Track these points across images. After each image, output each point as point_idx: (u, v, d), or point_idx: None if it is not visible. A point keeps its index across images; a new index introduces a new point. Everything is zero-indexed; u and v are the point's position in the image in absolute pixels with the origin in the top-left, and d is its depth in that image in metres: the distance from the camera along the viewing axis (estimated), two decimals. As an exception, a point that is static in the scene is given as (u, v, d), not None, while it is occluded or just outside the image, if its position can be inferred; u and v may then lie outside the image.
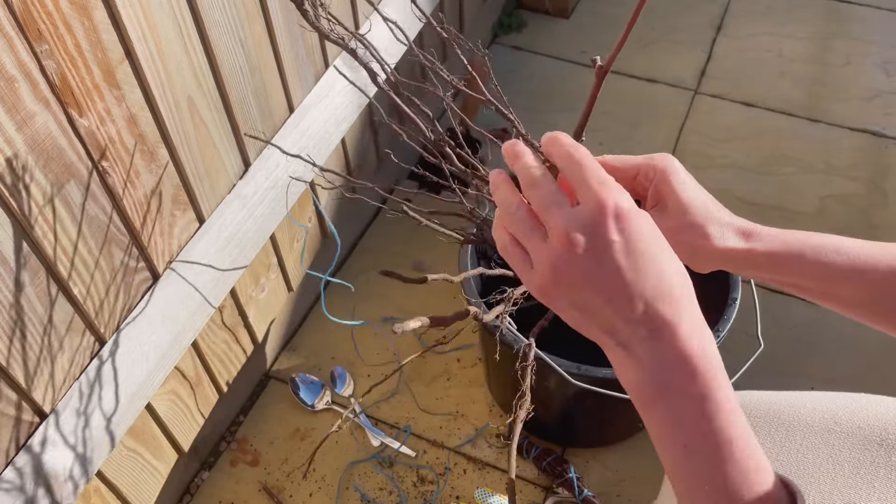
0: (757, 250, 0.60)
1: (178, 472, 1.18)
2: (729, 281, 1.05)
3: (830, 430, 0.69)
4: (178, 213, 0.97)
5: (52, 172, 0.77)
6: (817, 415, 0.71)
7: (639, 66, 1.86)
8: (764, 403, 0.74)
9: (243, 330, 1.22)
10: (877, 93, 1.78)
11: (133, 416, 0.98)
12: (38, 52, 0.72)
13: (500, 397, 1.28)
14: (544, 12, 2.01)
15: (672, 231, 0.58)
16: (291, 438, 1.29)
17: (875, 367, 1.34)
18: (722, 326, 1.00)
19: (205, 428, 1.20)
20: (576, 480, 1.17)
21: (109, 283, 0.90)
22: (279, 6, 1.03)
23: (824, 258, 0.60)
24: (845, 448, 0.67)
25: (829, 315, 1.41)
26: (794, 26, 1.95)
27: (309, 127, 1.15)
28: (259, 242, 1.13)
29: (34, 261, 0.79)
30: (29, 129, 0.73)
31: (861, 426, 0.69)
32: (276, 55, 1.06)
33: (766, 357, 1.04)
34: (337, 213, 1.39)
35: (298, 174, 1.17)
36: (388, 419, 1.30)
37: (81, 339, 0.89)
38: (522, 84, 1.83)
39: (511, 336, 0.98)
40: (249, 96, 1.03)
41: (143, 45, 0.83)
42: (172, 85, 0.89)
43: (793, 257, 0.60)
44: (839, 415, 0.70)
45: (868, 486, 0.64)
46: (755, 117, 1.75)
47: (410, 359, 1.04)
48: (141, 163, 0.89)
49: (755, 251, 0.60)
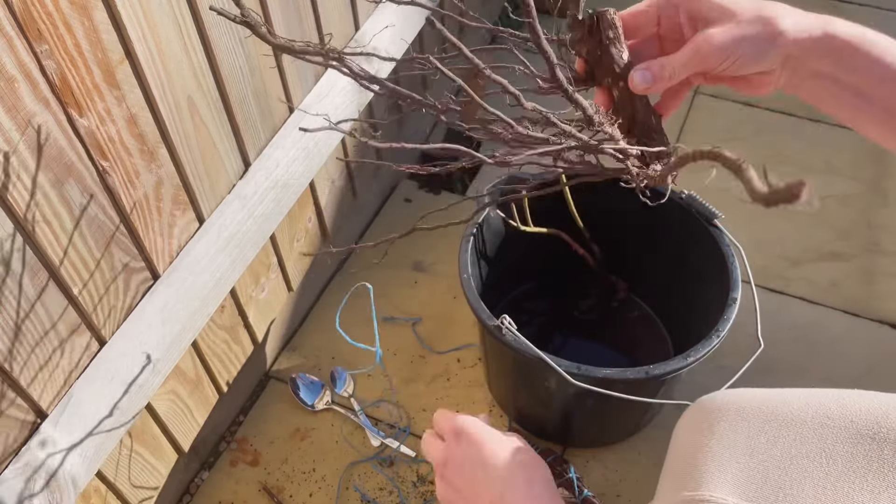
0: (835, 33, 0.55)
1: (178, 472, 1.18)
2: (729, 281, 1.05)
3: (823, 425, 0.69)
4: (178, 213, 0.97)
5: (51, 172, 0.77)
6: (809, 409, 0.71)
7: (639, 66, 1.86)
8: (756, 399, 0.75)
9: (243, 330, 1.22)
10: (877, 93, 1.78)
11: (133, 415, 0.98)
12: (38, 52, 0.72)
13: (500, 397, 1.28)
14: (545, 12, 2.00)
15: (731, 32, 0.55)
16: (291, 438, 1.29)
17: (875, 366, 1.34)
18: (722, 326, 1.00)
19: (205, 428, 1.20)
20: (576, 480, 1.17)
21: (109, 283, 0.90)
22: (279, 6, 1.03)
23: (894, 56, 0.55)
24: (838, 442, 0.68)
25: (829, 315, 1.41)
26: (794, 26, 1.95)
27: (310, 126, 1.15)
28: (259, 242, 1.13)
29: (34, 261, 0.79)
30: (29, 129, 0.73)
31: (853, 420, 0.69)
32: (276, 55, 1.06)
33: (766, 357, 1.04)
34: (337, 212, 1.39)
35: (299, 173, 1.17)
36: (388, 419, 1.30)
37: (81, 338, 0.89)
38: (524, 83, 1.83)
39: (511, 336, 0.98)
40: (249, 96, 1.03)
41: (143, 45, 0.83)
42: (172, 85, 0.89)
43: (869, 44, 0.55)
44: (831, 409, 0.71)
45: (860, 480, 0.65)
46: (755, 117, 1.75)
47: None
48: (141, 163, 0.89)
49: (832, 34, 0.55)
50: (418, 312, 1.44)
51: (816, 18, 0.56)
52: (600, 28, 0.57)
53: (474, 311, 1.03)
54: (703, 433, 0.74)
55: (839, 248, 1.51)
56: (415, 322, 1.42)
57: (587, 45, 0.58)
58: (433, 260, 1.51)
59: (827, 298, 1.43)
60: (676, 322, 1.29)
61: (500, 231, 1.22)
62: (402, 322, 1.42)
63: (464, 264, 1.08)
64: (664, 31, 0.61)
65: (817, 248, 1.50)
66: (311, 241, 1.34)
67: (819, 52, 0.56)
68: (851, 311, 1.41)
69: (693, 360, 0.97)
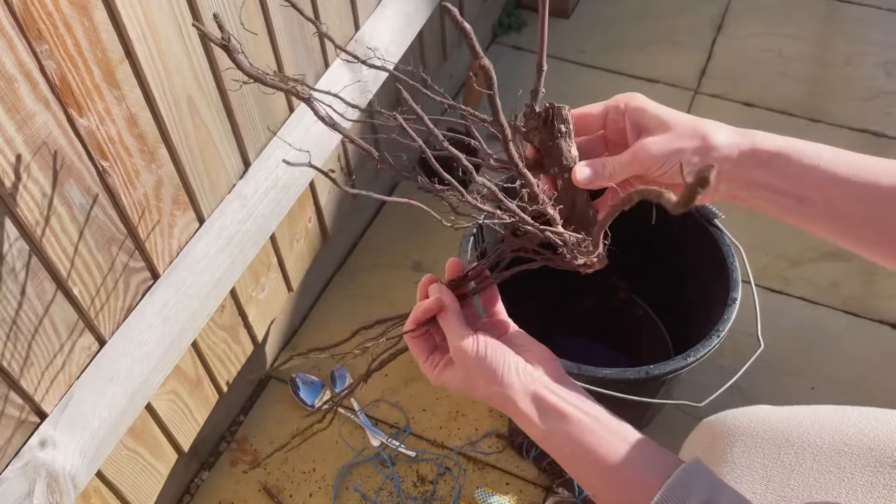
0: (761, 146, 0.58)
1: (178, 472, 1.18)
2: (729, 281, 1.05)
3: (840, 452, 0.68)
4: (178, 213, 0.97)
5: (51, 172, 0.77)
6: (825, 434, 0.70)
7: (639, 66, 1.86)
8: (769, 422, 0.73)
9: (243, 330, 1.22)
10: (877, 93, 1.78)
11: (133, 415, 0.98)
12: (38, 52, 0.72)
13: (500, 397, 1.28)
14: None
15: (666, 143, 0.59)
16: (291, 438, 1.29)
17: (874, 366, 1.34)
18: (722, 326, 1.00)
19: (205, 428, 1.20)
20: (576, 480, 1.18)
21: (109, 283, 0.90)
22: (279, 6, 1.03)
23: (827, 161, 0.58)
24: (857, 470, 0.66)
25: (829, 315, 1.41)
26: (793, 26, 1.95)
27: (309, 127, 1.15)
28: (259, 242, 1.13)
29: (34, 261, 0.79)
30: (29, 129, 0.73)
31: (871, 447, 0.67)
32: (276, 55, 1.06)
33: (766, 357, 1.04)
34: (337, 212, 1.39)
35: (299, 173, 1.17)
36: (388, 419, 1.30)
37: (81, 338, 0.89)
38: (522, 84, 1.83)
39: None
40: (249, 96, 1.03)
41: (143, 45, 0.83)
42: (172, 85, 0.89)
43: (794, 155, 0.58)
44: (848, 434, 0.69)
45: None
46: (755, 117, 1.74)
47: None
48: (141, 163, 0.89)
49: (759, 147, 0.59)
50: (418, 312, 1.44)
51: (744, 134, 0.60)
52: (555, 122, 0.61)
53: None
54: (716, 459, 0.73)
55: (839, 248, 1.50)
56: (415, 322, 1.42)
57: (540, 134, 0.63)
58: (433, 260, 1.51)
59: (827, 298, 1.43)
60: (676, 322, 1.29)
61: (499, 231, 1.22)
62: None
63: (463, 262, 1.08)
64: (610, 133, 0.65)
65: (817, 248, 1.50)
66: (311, 240, 1.34)
67: (751, 163, 0.59)
68: (851, 311, 1.41)
69: (693, 360, 0.97)
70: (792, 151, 0.59)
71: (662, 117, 0.60)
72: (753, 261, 1.13)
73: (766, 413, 0.75)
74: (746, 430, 0.73)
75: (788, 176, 0.59)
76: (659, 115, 0.61)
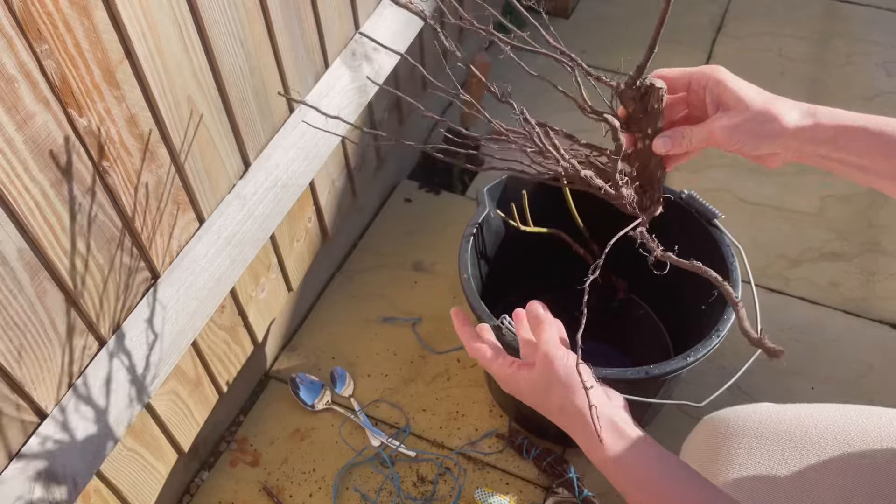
0: (824, 124, 0.65)
1: (178, 472, 1.18)
2: (729, 281, 1.05)
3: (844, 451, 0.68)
4: (178, 213, 0.97)
5: (52, 172, 0.77)
6: (829, 434, 0.70)
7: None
8: (773, 422, 0.73)
9: (243, 330, 1.22)
10: (877, 93, 1.78)
11: (133, 415, 0.98)
12: (38, 52, 0.72)
13: (500, 397, 1.28)
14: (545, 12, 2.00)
15: (740, 125, 0.67)
16: (291, 438, 1.29)
17: (874, 366, 1.34)
18: (722, 326, 1.00)
19: (205, 428, 1.20)
20: (576, 480, 1.18)
21: (109, 283, 0.90)
22: (279, 6, 1.03)
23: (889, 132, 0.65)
24: (861, 473, 0.67)
25: (829, 315, 1.41)
26: (793, 26, 1.95)
27: (308, 127, 1.15)
28: (259, 242, 1.13)
29: (34, 261, 0.79)
30: (29, 129, 0.73)
31: (875, 448, 0.68)
32: (275, 55, 1.06)
33: (765, 357, 1.04)
34: (337, 212, 1.39)
35: (299, 173, 1.17)
36: (388, 419, 1.30)
37: (81, 338, 0.89)
38: (522, 84, 1.83)
39: (511, 336, 0.98)
40: (249, 96, 1.03)
41: (143, 45, 0.83)
42: (172, 85, 0.89)
43: (858, 130, 0.65)
44: (851, 434, 0.69)
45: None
46: (755, 117, 1.74)
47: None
48: (141, 163, 0.89)
49: (822, 125, 0.65)
50: (418, 312, 1.44)
51: (810, 113, 0.67)
52: (650, 99, 0.70)
53: (474, 311, 1.04)
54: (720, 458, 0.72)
55: (839, 248, 1.51)
56: (415, 322, 1.42)
57: (634, 104, 0.71)
58: (433, 260, 1.51)
59: (827, 298, 1.43)
60: (676, 322, 1.28)
61: (500, 231, 1.22)
62: (402, 322, 1.42)
63: (464, 264, 1.08)
64: (691, 97, 0.73)
65: (817, 248, 1.50)
66: (312, 240, 1.34)
67: (817, 141, 0.66)
68: (851, 311, 1.41)
69: (693, 360, 0.97)
70: (856, 126, 0.65)
71: (740, 95, 0.67)
72: (753, 261, 1.14)
73: (768, 412, 0.75)
74: (750, 429, 0.73)
75: (853, 151, 0.65)
76: (737, 93, 0.67)
